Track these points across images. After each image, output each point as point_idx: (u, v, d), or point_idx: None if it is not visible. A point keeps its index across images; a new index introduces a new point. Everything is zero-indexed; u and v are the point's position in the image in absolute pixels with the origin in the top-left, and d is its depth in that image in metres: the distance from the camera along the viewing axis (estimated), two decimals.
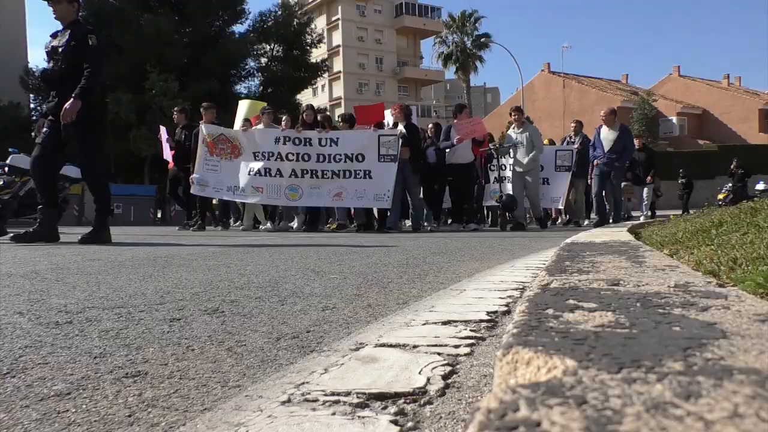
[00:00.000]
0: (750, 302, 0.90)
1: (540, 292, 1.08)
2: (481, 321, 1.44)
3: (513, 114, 9.28)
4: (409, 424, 0.79)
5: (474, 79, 42.03)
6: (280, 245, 4.69)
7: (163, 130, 10.18)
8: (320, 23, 45.06)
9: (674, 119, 41.02)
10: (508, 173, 9.53)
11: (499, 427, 0.43)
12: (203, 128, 8.80)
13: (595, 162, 9.20)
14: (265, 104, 10.54)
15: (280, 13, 29.18)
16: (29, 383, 1.01)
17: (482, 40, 40.04)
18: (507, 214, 9.05)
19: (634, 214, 12.71)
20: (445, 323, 1.41)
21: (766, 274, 1.24)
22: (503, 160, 9.27)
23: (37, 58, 66.85)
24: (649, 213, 12.91)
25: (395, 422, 0.79)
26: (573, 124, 11.32)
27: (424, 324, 1.40)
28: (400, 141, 8.21)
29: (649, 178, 12.56)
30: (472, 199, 8.79)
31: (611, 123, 9.20)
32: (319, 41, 31.30)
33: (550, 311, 0.87)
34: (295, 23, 29.23)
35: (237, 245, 4.75)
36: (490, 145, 9.15)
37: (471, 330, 1.34)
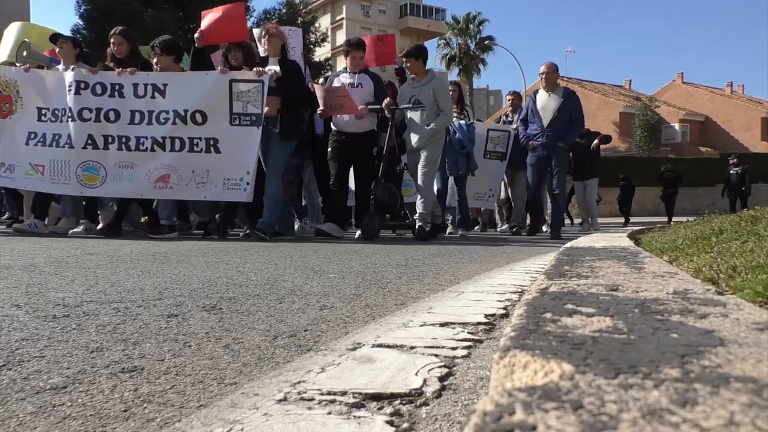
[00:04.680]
0: (748, 311, 0.89)
1: (538, 296, 1.08)
2: (479, 323, 1.44)
3: (407, 61, 5.63)
4: (405, 425, 0.78)
5: (477, 81, 42.01)
6: (278, 244, 4.69)
7: None
8: (324, 22, 45.10)
9: (677, 126, 41.04)
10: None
11: (494, 429, 0.42)
12: None
13: (530, 143, 6.43)
14: (56, 31, 6.06)
15: (284, 11, 29.20)
16: (25, 376, 1.01)
17: (486, 42, 40.07)
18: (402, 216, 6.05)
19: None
20: (442, 325, 1.41)
21: (765, 283, 1.24)
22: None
23: None
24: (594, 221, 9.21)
25: (391, 423, 0.79)
26: (509, 97, 8.05)
27: (421, 325, 1.40)
28: (266, 90, 5.05)
29: (596, 141, 8.77)
30: (373, 186, 5.40)
31: (552, 84, 6.35)
32: (323, 40, 31.30)
33: (548, 315, 0.87)
34: (299, 22, 29.24)
35: (236, 244, 4.74)
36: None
37: (469, 332, 1.34)
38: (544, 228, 8.11)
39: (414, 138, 5.63)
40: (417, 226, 5.51)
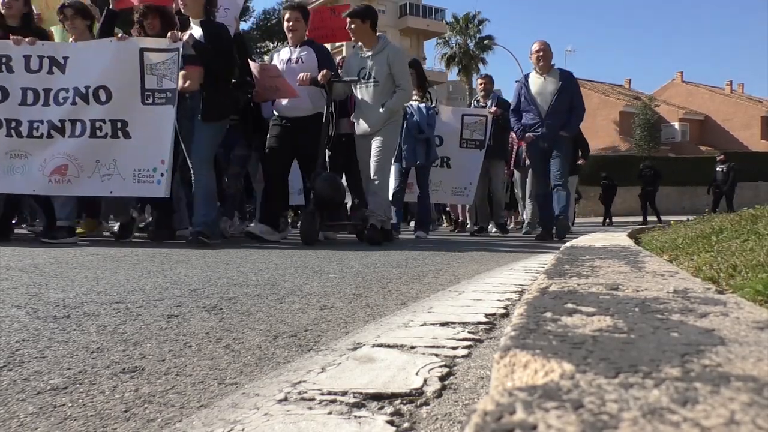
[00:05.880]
0: (749, 309, 0.89)
1: (539, 296, 1.08)
2: (479, 323, 1.44)
3: (351, 22, 4.64)
4: (406, 424, 0.78)
5: (476, 80, 42.09)
6: (278, 245, 4.68)
7: None
8: None
9: (676, 125, 41.07)
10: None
11: (495, 429, 0.42)
12: None
13: (527, 136, 5.55)
14: None
15: None
16: (26, 377, 1.01)
17: (485, 42, 40.10)
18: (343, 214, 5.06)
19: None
20: (443, 324, 1.41)
21: (765, 282, 1.24)
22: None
23: None
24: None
25: (391, 422, 0.79)
26: (480, 81, 7.32)
27: (422, 325, 1.40)
28: (180, 61, 4.20)
29: (581, 161, 8.02)
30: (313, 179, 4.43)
31: (548, 65, 5.52)
32: None
33: (549, 315, 0.87)
34: None
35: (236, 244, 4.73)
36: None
37: (469, 332, 1.34)
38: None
39: (365, 121, 4.68)
40: (368, 227, 4.60)
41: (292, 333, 1.39)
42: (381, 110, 4.58)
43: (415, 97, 5.74)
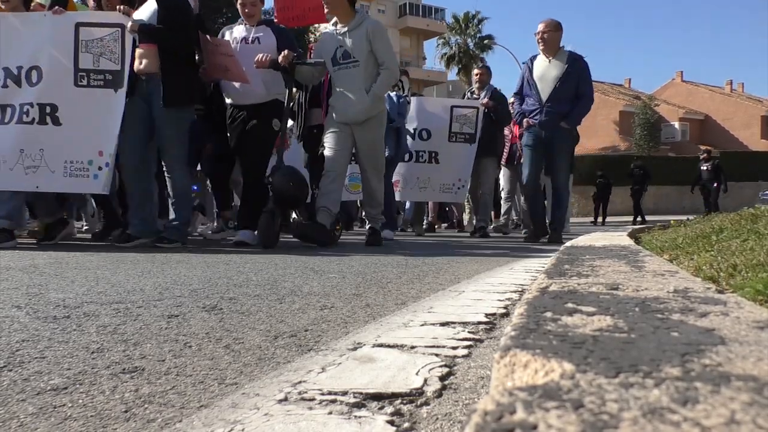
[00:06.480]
0: (749, 309, 0.89)
1: (539, 295, 1.08)
2: (480, 323, 1.44)
3: None
4: (406, 424, 0.78)
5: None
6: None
7: None
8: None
9: (676, 125, 41.10)
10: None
11: (495, 429, 0.42)
12: None
13: (525, 123, 5.10)
14: None
15: None
16: (26, 377, 1.01)
17: (485, 41, 40.18)
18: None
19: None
20: (443, 324, 1.41)
21: (765, 281, 1.24)
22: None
23: None
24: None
25: (391, 422, 0.78)
26: (477, 72, 6.78)
27: (422, 325, 1.40)
28: (126, 38, 3.74)
29: None
30: (263, 177, 4.03)
31: (553, 48, 5.00)
32: None
33: (549, 314, 0.87)
34: None
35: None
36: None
37: (469, 332, 1.34)
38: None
39: (346, 108, 4.13)
40: (368, 228, 4.44)
41: (292, 333, 1.39)
42: (367, 94, 4.10)
43: None
